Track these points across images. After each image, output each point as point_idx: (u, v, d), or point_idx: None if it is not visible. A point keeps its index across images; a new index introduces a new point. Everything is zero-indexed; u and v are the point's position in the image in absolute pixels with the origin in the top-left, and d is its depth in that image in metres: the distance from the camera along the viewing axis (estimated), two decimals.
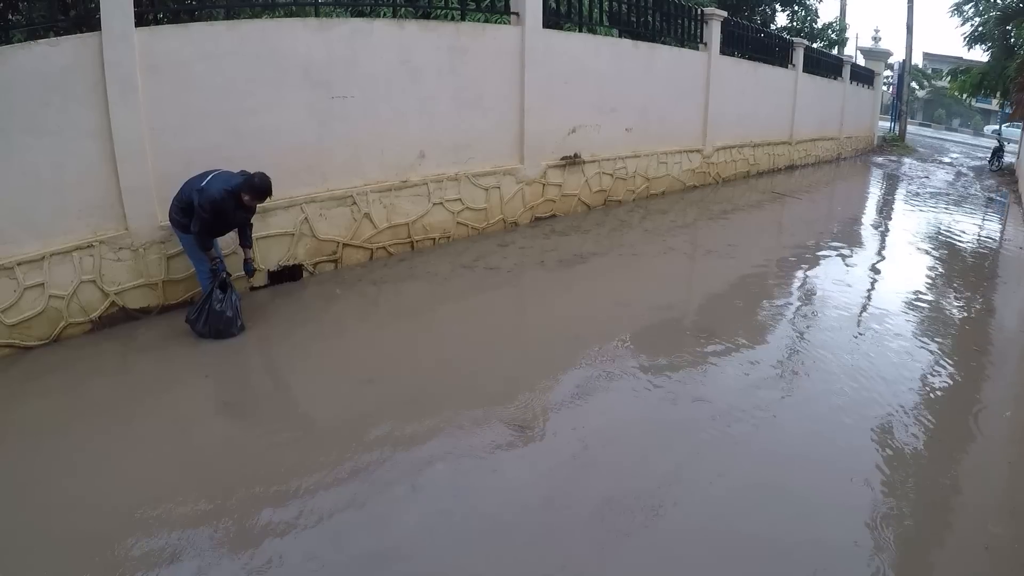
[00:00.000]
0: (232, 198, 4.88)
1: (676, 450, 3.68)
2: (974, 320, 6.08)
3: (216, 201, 4.79)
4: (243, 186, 4.91)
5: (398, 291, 6.23)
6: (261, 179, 4.98)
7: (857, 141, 21.74)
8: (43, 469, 3.48)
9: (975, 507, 3.32)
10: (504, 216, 8.34)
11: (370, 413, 4.04)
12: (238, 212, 5.02)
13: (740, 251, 8.11)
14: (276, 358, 4.97)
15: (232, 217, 5.02)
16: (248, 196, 4.95)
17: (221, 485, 3.33)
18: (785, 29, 21.10)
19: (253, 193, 4.96)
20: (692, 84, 11.77)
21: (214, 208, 4.80)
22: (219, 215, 4.88)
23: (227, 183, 4.87)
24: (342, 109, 6.52)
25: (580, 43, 9.29)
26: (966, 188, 15.70)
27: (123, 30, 5.04)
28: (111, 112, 5.06)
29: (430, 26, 7.36)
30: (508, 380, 4.50)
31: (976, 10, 23.33)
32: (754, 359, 4.93)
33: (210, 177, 4.94)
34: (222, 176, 4.96)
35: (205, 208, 4.78)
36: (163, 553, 2.84)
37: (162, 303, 5.52)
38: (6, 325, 4.73)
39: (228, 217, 4.98)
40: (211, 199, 4.77)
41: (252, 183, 4.93)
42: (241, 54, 5.79)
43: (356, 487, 3.31)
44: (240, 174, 5.00)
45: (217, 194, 4.79)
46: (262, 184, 4.97)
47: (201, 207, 4.78)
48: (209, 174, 4.99)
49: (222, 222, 4.99)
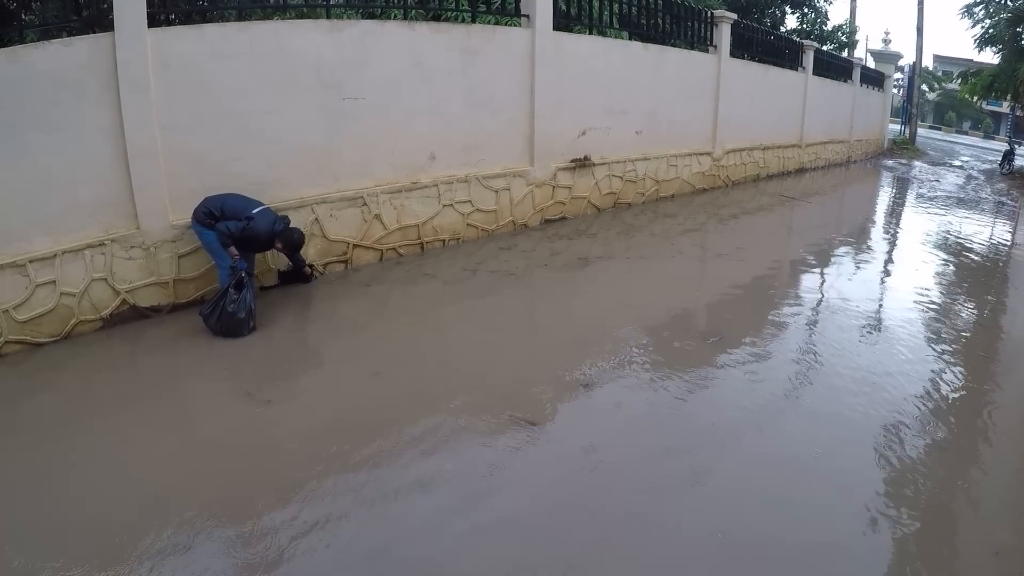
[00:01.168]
0: (271, 238, 5.38)
1: (683, 451, 3.66)
2: (983, 326, 6.03)
3: (259, 236, 5.28)
4: (281, 236, 5.44)
5: (407, 292, 6.23)
6: (299, 236, 5.62)
7: (867, 144, 21.66)
8: (53, 463, 3.50)
9: (984, 512, 3.29)
10: (514, 218, 8.34)
11: (377, 408, 4.06)
12: (266, 246, 5.50)
13: (750, 254, 8.08)
14: (285, 356, 4.97)
15: (262, 246, 5.48)
16: (281, 245, 5.53)
17: (227, 478, 3.34)
18: (795, 32, 21.02)
19: (287, 246, 5.58)
20: (702, 87, 11.74)
21: (256, 239, 5.29)
22: (251, 244, 5.34)
23: (273, 225, 5.36)
24: (353, 110, 6.53)
25: (590, 45, 9.29)
26: (976, 192, 15.61)
27: (136, 30, 5.07)
28: (123, 112, 5.09)
29: (441, 28, 7.38)
30: (517, 380, 4.49)
31: (987, 12, 23.15)
32: (761, 361, 4.90)
33: (261, 209, 5.39)
34: (268, 215, 5.41)
35: (248, 234, 5.21)
36: (172, 544, 2.85)
37: (172, 301, 5.54)
38: (18, 322, 4.76)
39: (257, 248, 5.46)
40: (256, 233, 5.24)
41: (291, 239, 5.55)
42: (253, 55, 5.81)
43: (363, 482, 3.31)
44: (282, 220, 5.49)
45: (263, 232, 5.28)
46: (298, 241, 5.63)
47: (245, 230, 5.19)
48: (254, 205, 5.41)
49: (251, 248, 5.41)
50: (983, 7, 23.18)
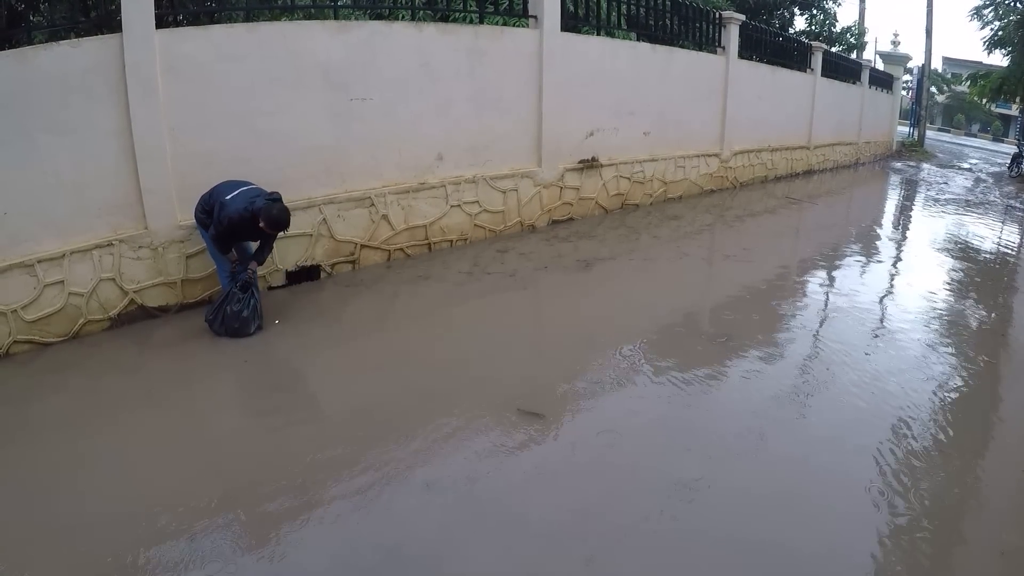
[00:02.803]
0: (251, 219, 4.84)
1: (690, 451, 3.63)
2: (990, 329, 5.97)
3: (233, 219, 4.81)
4: (261, 212, 4.82)
5: (415, 292, 6.22)
6: (279, 212, 4.88)
7: (875, 146, 21.55)
8: (61, 462, 3.50)
9: (990, 513, 3.27)
10: (521, 218, 8.32)
11: (384, 406, 4.06)
12: (256, 231, 4.98)
13: (757, 256, 8.04)
14: (292, 356, 4.97)
15: (250, 234, 5.04)
16: (264, 224, 4.87)
17: (233, 478, 3.34)
18: (803, 33, 20.91)
19: (268, 223, 4.87)
20: (710, 88, 11.70)
21: (231, 224, 4.83)
22: (235, 231, 4.92)
23: (250, 204, 4.82)
24: (361, 111, 6.52)
25: (598, 46, 9.26)
26: (985, 195, 15.51)
27: (144, 32, 5.07)
28: (131, 113, 5.09)
29: (448, 29, 7.37)
30: (524, 378, 4.49)
31: (996, 14, 23.01)
32: (768, 362, 4.88)
33: (237, 192, 4.93)
34: (248, 193, 4.93)
35: (223, 222, 4.83)
36: (178, 543, 2.84)
37: (180, 302, 5.55)
38: (26, 321, 4.77)
39: (245, 234, 5.02)
40: (228, 216, 4.81)
41: (270, 213, 4.83)
42: (260, 56, 5.80)
43: (371, 481, 3.29)
44: (266, 197, 4.89)
45: (235, 213, 4.81)
46: (279, 216, 4.89)
47: (219, 220, 4.84)
48: (240, 186, 5.00)
49: (239, 237, 5.06)
50: (992, 9, 23.05)
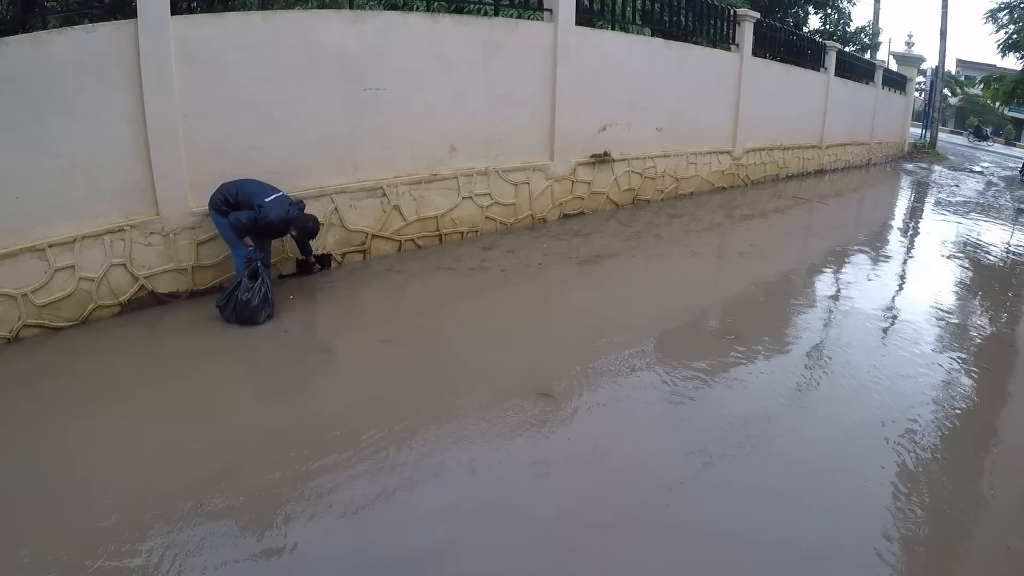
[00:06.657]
0: (284, 225, 5.31)
1: (696, 449, 3.60)
2: (997, 335, 5.91)
3: (274, 223, 5.18)
4: (295, 222, 5.35)
5: (425, 282, 6.21)
6: (313, 224, 5.50)
7: (887, 147, 21.42)
8: (70, 445, 3.50)
9: (995, 510, 3.25)
10: (532, 212, 8.29)
11: (393, 394, 4.05)
12: (281, 234, 5.47)
13: (767, 254, 7.99)
14: (302, 343, 4.98)
15: (276, 235, 5.47)
16: (296, 232, 5.48)
17: (244, 464, 3.34)
18: (817, 32, 20.79)
19: (301, 233, 5.53)
20: (723, 85, 11.64)
21: (269, 226, 5.20)
22: (266, 232, 5.29)
23: (286, 212, 5.24)
24: (374, 101, 6.50)
25: (612, 41, 9.21)
26: (996, 198, 15.40)
27: (159, 18, 5.05)
28: (145, 99, 5.08)
29: (463, 20, 7.34)
30: (532, 369, 4.48)
31: (1011, 17, 22.78)
32: (775, 359, 4.86)
33: (274, 197, 5.25)
34: (282, 201, 5.27)
35: (260, 222, 5.13)
36: (187, 528, 2.83)
37: (191, 288, 5.54)
38: (36, 306, 4.77)
39: (272, 235, 5.44)
40: (270, 220, 5.14)
41: (305, 224, 5.44)
42: (275, 44, 5.78)
43: (381, 470, 3.28)
44: (297, 206, 5.37)
45: (275, 219, 5.17)
46: (311, 228, 5.51)
47: (257, 220, 5.12)
48: (271, 192, 5.29)
49: (266, 236, 5.38)
50: (1007, 12, 22.84)
